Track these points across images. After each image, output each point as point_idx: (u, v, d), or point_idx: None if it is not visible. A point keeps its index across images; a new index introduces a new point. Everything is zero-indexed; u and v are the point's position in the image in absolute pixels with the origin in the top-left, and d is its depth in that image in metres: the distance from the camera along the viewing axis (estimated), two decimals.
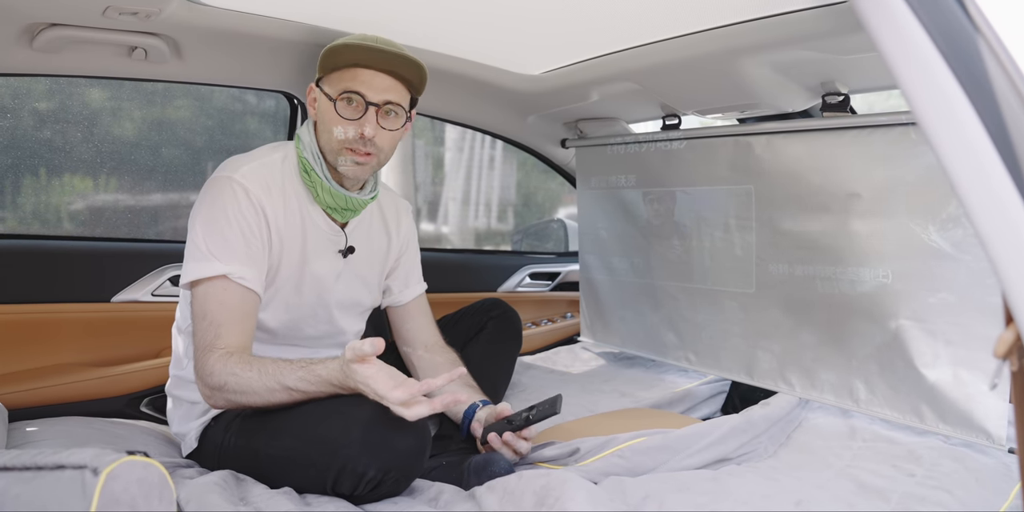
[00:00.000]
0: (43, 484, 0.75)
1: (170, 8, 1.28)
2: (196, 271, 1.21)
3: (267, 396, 1.13)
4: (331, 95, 1.27)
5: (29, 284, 1.60)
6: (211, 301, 1.19)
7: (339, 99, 1.26)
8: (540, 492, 1.00)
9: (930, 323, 1.43)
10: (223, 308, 1.19)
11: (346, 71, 1.27)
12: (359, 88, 1.26)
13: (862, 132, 1.50)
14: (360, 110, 1.26)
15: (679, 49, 1.53)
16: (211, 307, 1.19)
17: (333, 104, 1.27)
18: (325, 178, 1.30)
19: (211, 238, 1.21)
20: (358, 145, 1.27)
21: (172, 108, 2.31)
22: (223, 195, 1.23)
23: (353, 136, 1.26)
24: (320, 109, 1.31)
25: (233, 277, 1.20)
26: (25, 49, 1.36)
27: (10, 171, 1.98)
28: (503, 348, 1.73)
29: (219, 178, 1.25)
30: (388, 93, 1.28)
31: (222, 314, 1.19)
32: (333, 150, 1.29)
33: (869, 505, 1.16)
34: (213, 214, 1.22)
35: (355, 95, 1.26)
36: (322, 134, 1.30)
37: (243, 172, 1.25)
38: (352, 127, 1.26)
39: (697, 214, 1.91)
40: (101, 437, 1.34)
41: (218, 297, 1.20)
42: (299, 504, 1.07)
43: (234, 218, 1.22)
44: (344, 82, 1.27)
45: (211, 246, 1.21)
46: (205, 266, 1.20)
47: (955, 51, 0.64)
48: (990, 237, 0.63)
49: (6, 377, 1.54)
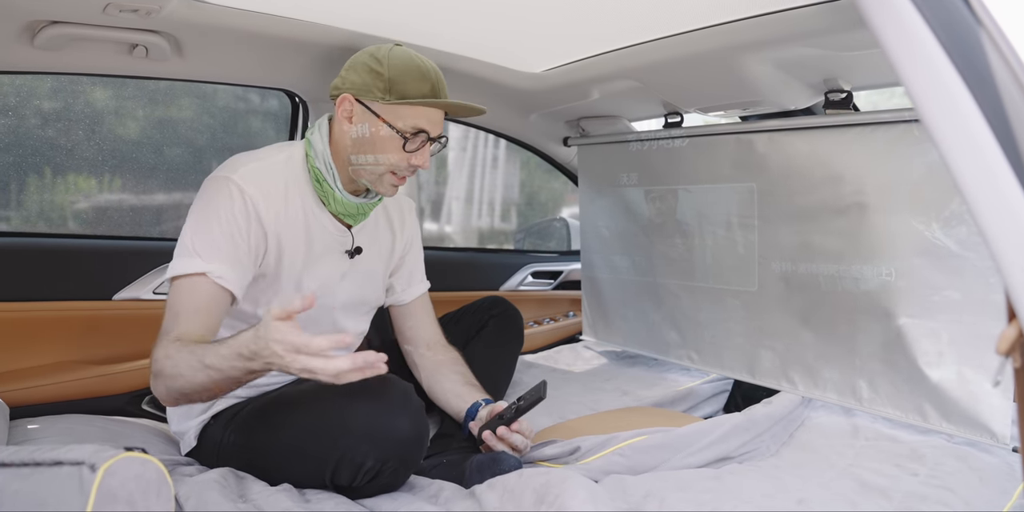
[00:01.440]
0: (41, 480, 0.75)
1: (170, 5, 1.28)
2: (178, 267, 1.20)
3: (191, 377, 1.05)
4: (401, 129, 1.27)
5: (31, 282, 1.60)
6: (183, 295, 1.18)
7: (410, 136, 1.28)
8: (540, 490, 1.00)
9: (933, 321, 1.42)
10: (190, 301, 1.17)
11: (419, 109, 1.27)
12: (427, 127, 1.29)
13: (865, 129, 1.49)
14: (422, 144, 1.30)
15: (681, 46, 1.53)
16: (180, 299, 1.17)
17: (402, 140, 1.27)
18: (338, 190, 1.31)
19: (198, 236, 1.20)
20: (406, 173, 1.31)
21: (175, 107, 2.31)
22: (218, 195, 1.23)
23: (406, 166, 1.30)
24: (374, 134, 1.28)
25: (211, 275, 1.18)
26: (26, 47, 1.36)
27: (13, 169, 1.99)
28: (504, 346, 1.73)
29: (217, 178, 1.25)
30: (441, 127, 1.32)
31: (187, 306, 1.17)
32: (376, 173, 1.30)
33: (871, 504, 1.16)
34: (205, 213, 1.22)
35: (423, 133, 1.29)
36: (367, 156, 1.30)
37: (242, 173, 1.24)
38: (407, 158, 1.29)
39: (699, 212, 1.90)
40: (102, 435, 1.34)
41: (190, 291, 1.18)
42: (298, 501, 1.07)
43: (225, 219, 1.21)
44: (416, 120, 1.27)
45: (197, 244, 1.20)
46: (187, 263, 1.19)
47: (958, 47, 0.63)
48: (993, 234, 0.63)
49: (8, 374, 1.54)
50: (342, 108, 1.29)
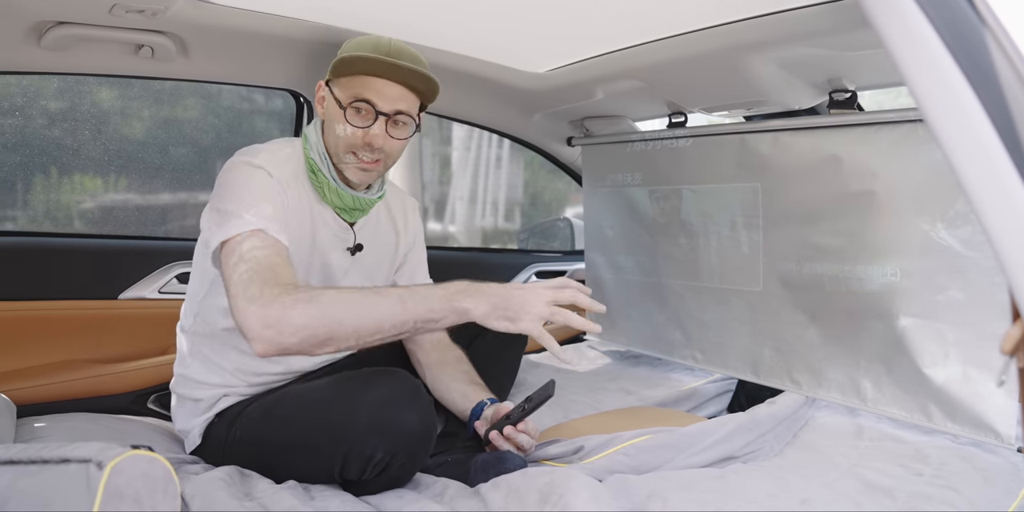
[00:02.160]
0: (48, 477, 0.75)
1: (176, 6, 1.29)
2: (231, 228, 1.13)
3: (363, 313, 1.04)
4: (342, 101, 1.25)
5: (37, 281, 1.61)
6: (254, 250, 1.11)
7: (349, 107, 1.25)
8: (544, 489, 1.00)
9: (938, 321, 1.42)
10: (271, 252, 1.12)
11: (358, 78, 1.25)
12: (370, 97, 1.24)
13: (869, 129, 1.49)
14: (370, 119, 1.25)
15: (684, 46, 1.53)
16: (256, 254, 1.11)
17: (343, 111, 1.25)
18: (332, 179, 1.29)
19: (241, 203, 1.16)
20: (365, 153, 1.26)
21: (180, 107, 2.33)
22: (248, 172, 1.21)
23: (360, 144, 1.25)
24: (328, 110, 1.29)
25: (269, 231, 1.14)
26: (33, 47, 1.37)
27: (20, 169, 2.00)
28: (508, 346, 1.72)
29: (239, 162, 1.24)
30: (399, 103, 1.26)
31: (270, 258, 1.11)
32: (338, 152, 1.28)
33: (875, 504, 1.15)
34: (239, 186, 1.19)
35: (365, 104, 1.24)
36: (328, 135, 1.29)
37: (263, 158, 1.24)
38: (360, 135, 1.25)
39: (703, 212, 1.90)
40: (107, 433, 1.34)
41: (260, 245, 1.13)
42: (304, 499, 1.07)
43: (261, 189, 1.19)
44: (355, 89, 1.24)
45: (242, 209, 1.16)
46: (238, 223, 1.14)
47: (962, 46, 0.63)
48: (996, 233, 0.63)
49: (14, 373, 1.55)
50: (317, 96, 1.31)
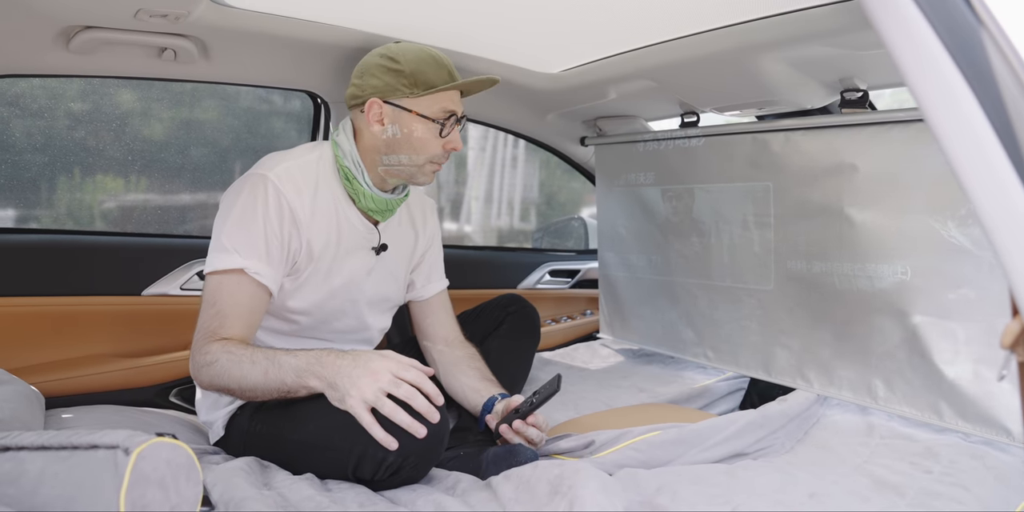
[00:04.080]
0: (78, 462, 0.79)
1: (198, 10, 1.32)
2: (216, 262, 1.25)
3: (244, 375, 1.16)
4: (434, 117, 1.33)
5: (64, 277, 1.65)
6: (223, 291, 1.24)
7: (444, 121, 1.34)
8: (554, 481, 1.02)
9: (949, 319, 1.42)
10: (233, 300, 1.23)
11: (442, 94, 1.33)
12: (454, 108, 1.35)
13: (881, 128, 1.50)
14: (452, 127, 1.35)
15: (696, 46, 1.54)
16: (222, 297, 1.23)
17: (438, 127, 1.33)
18: (368, 186, 1.35)
19: (236, 233, 1.25)
20: (443, 159, 1.38)
21: (200, 109, 2.37)
22: (255, 193, 1.27)
23: (445, 151, 1.36)
24: (412, 129, 1.33)
25: (249, 272, 1.24)
26: (61, 51, 1.41)
27: (46, 170, 2.05)
28: (521, 343, 1.75)
29: (254, 175, 1.29)
30: (462, 105, 1.38)
31: (231, 306, 1.23)
32: (415, 164, 1.35)
33: (884, 500, 1.16)
34: (242, 211, 1.26)
35: (453, 115, 1.35)
36: (403, 153, 1.35)
37: (278, 171, 1.29)
38: (441, 143, 1.35)
39: (716, 211, 1.91)
40: (132, 424, 1.38)
41: (230, 289, 1.24)
42: (320, 489, 1.10)
43: (261, 217, 1.26)
44: (443, 103, 1.34)
45: (234, 241, 1.25)
46: (225, 258, 1.24)
47: (961, 47, 0.65)
48: (995, 230, 0.64)
49: (43, 366, 1.60)
50: (371, 112, 1.33)
